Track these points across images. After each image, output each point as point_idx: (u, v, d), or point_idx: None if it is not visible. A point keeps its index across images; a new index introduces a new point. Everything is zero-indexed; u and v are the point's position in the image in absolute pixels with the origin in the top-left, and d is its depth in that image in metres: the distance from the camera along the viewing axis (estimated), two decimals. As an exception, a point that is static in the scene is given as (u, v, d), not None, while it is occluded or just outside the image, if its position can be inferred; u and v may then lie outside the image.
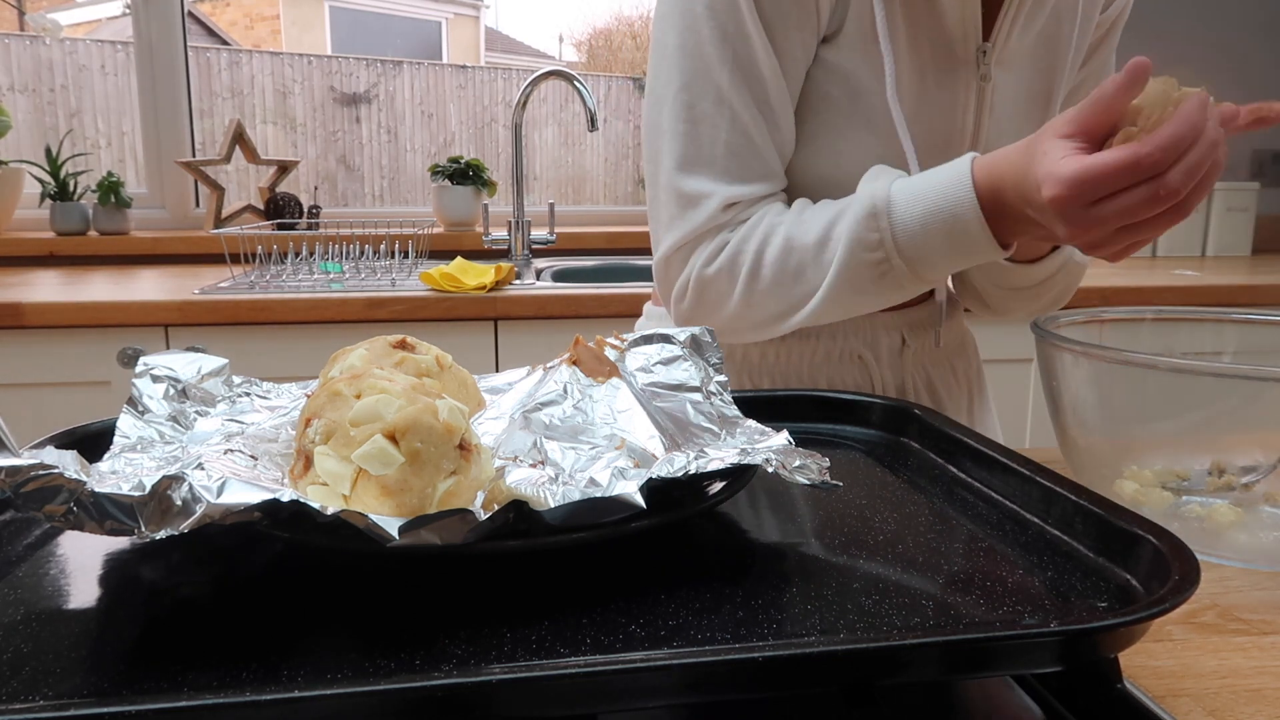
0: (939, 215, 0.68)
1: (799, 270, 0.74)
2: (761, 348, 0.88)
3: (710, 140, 0.75)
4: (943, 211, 0.68)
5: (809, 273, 0.74)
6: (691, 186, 0.76)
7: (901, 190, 0.70)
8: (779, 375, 0.89)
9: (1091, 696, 0.41)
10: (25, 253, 2.06)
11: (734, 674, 0.36)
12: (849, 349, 0.88)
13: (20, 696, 0.35)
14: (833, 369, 0.88)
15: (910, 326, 0.90)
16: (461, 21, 8.93)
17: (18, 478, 0.39)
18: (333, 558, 0.46)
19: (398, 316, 1.63)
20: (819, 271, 0.73)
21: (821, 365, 0.88)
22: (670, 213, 0.78)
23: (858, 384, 0.88)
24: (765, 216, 0.76)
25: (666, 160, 0.77)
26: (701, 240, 0.77)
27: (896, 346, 0.90)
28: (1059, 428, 0.68)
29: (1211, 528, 0.59)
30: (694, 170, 0.76)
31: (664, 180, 0.78)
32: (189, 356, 0.61)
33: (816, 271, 0.74)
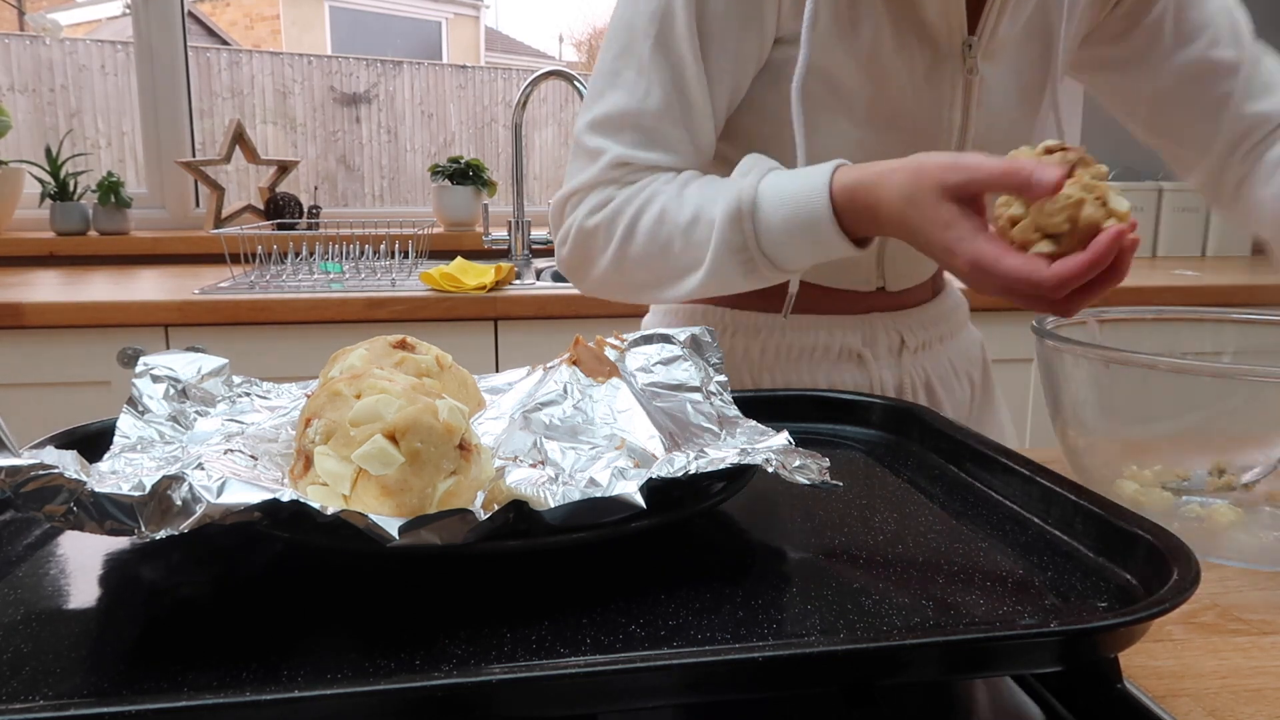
0: (798, 222, 0.70)
1: (667, 245, 0.76)
2: (761, 345, 0.89)
3: (622, 104, 0.78)
4: (800, 219, 0.70)
5: (676, 249, 0.76)
6: (593, 142, 0.79)
7: (766, 192, 0.72)
8: (778, 372, 0.89)
9: (1091, 696, 0.41)
10: (25, 253, 2.06)
11: (734, 674, 0.36)
12: (847, 346, 0.88)
13: (20, 696, 0.35)
14: (830, 366, 0.89)
15: (908, 326, 0.90)
16: (461, 21, 8.93)
17: (18, 478, 0.39)
18: (333, 558, 0.46)
19: (398, 316, 1.63)
20: (687, 252, 0.75)
21: (820, 363, 0.89)
22: (573, 164, 0.82)
23: (855, 382, 0.89)
24: (652, 184, 0.78)
25: (582, 115, 0.81)
26: (590, 191, 0.80)
27: (895, 345, 0.90)
28: (1059, 428, 0.68)
29: (1211, 528, 0.59)
30: (599, 129, 0.79)
31: (576, 132, 0.82)
32: (189, 356, 0.61)
33: (685, 251, 0.75)
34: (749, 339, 0.89)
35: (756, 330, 0.89)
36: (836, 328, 0.88)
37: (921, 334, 0.91)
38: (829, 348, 0.88)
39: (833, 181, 0.69)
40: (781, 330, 0.88)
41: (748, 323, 0.89)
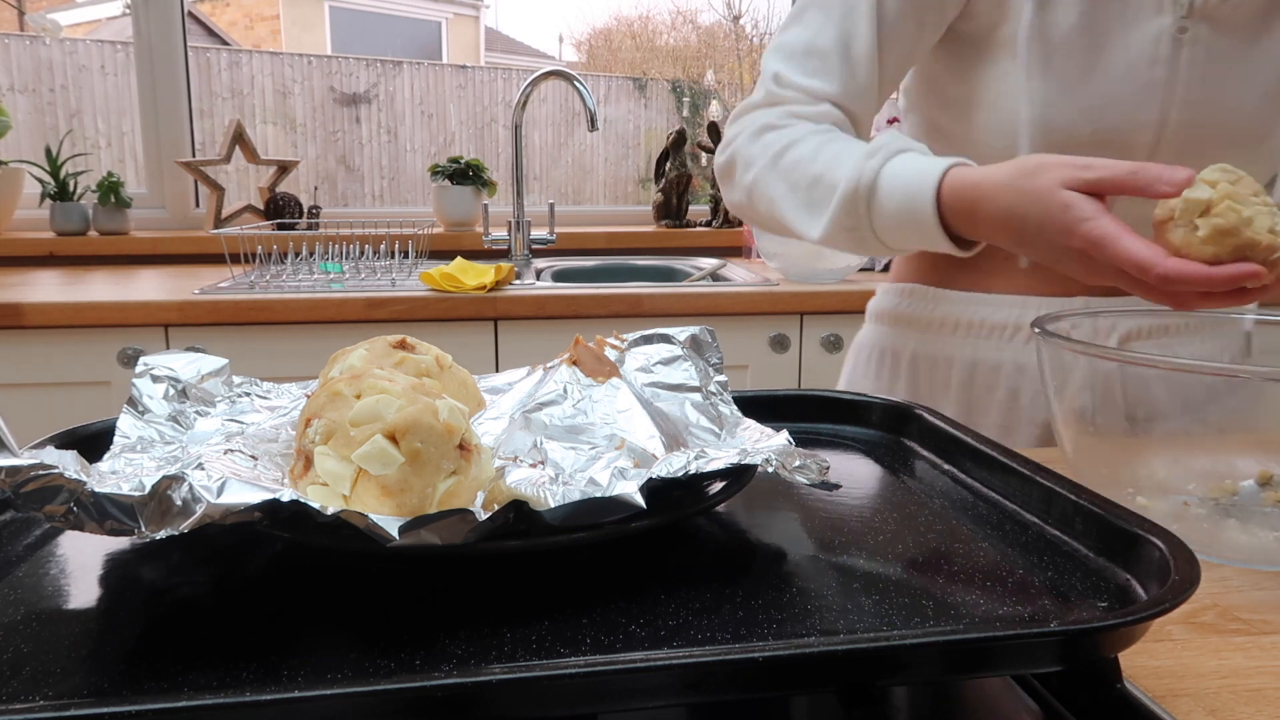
0: (907, 215, 0.74)
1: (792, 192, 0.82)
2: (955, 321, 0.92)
3: (797, 36, 0.86)
4: (909, 213, 0.74)
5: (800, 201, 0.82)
6: (767, 64, 0.88)
7: (885, 180, 0.75)
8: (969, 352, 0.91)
9: (1091, 696, 0.41)
10: (25, 253, 2.06)
11: (734, 674, 0.36)
12: None
13: (20, 696, 0.35)
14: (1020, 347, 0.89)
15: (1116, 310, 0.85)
16: (461, 21, 8.93)
17: (18, 478, 0.39)
18: (333, 558, 0.46)
19: (398, 316, 1.63)
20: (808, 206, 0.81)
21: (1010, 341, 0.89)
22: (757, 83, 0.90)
23: None
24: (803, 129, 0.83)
25: (772, 43, 0.89)
26: (754, 110, 0.87)
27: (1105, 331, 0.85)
28: (1059, 428, 0.68)
29: (1211, 528, 0.59)
30: (775, 51, 0.87)
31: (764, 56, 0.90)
32: (189, 356, 0.61)
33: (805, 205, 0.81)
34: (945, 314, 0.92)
35: (951, 305, 0.92)
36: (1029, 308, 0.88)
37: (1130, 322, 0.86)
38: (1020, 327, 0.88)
39: (943, 180, 0.72)
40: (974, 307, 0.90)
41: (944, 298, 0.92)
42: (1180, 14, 0.77)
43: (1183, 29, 0.78)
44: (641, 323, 1.64)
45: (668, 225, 2.39)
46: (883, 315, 1.01)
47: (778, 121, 0.85)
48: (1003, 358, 0.89)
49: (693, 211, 2.45)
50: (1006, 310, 0.89)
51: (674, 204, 2.40)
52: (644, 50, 7.25)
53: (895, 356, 0.97)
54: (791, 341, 1.77)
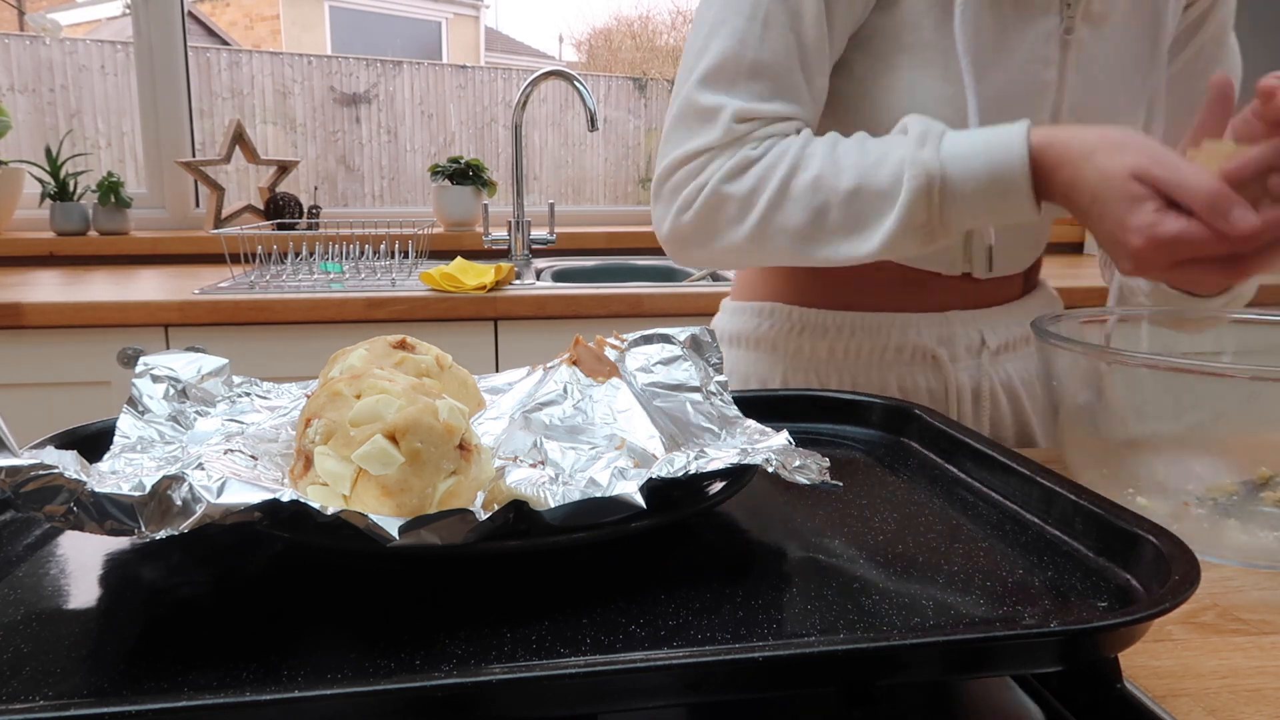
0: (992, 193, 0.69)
1: (821, 212, 0.73)
2: (830, 345, 0.87)
3: (733, 50, 0.74)
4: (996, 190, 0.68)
5: (832, 216, 0.73)
6: (708, 99, 0.75)
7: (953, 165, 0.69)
8: (847, 374, 0.87)
9: (1091, 696, 0.41)
10: (25, 253, 2.06)
11: (734, 674, 0.36)
12: (922, 346, 0.85)
13: (20, 696, 0.35)
14: (903, 367, 0.86)
15: (991, 325, 0.87)
16: (461, 21, 8.93)
17: (18, 478, 0.39)
18: (333, 558, 0.46)
19: (398, 316, 1.63)
20: (850, 221, 0.72)
21: (892, 363, 0.86)
22: (686, 125, 0.77)
23: (929, 386, 0.86)
24: (795, 145, 0.74)
25: (687, 72, 0.77)
26: (719, 153, 0.76)
27: (975, 345, 0.87)
28: (1059, 428, 0.68)
29: (1211, 528, 0.59)
30: (712, 83, 0.75)
31: (685, 93, 0.77)
32: (189, 356, 0.61)
33: (846, 220, 0.72)
34: (816, 339, 0.87)
35: (825, 330, 0.87)
36: (910, 327, 0.85)
37: (1005, 334, 0.88)
38: (901, 348, 0.85)
39: (1032, 145, 0.67)
40: (851, 330, 0.86)
41: (817, 322, 0.87)
42: (1066, 14, 0.78)
43: (1069, 29, 0.78)
44: (641, 323, 1.64)
45: (668, 225, 2.39)
46: (741, 339, 0.92)
47: (755, 153, 0.75)
48: (887, 380, 0.86)
49: (693, 211, 2.45)
50: (884, 333, 0.86)
51: (674, 204, 2.40)
52: (644, 50, 7.25)
53: (762, 383, 0.91)
54: (791, 341, 1.76)
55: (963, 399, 0.86)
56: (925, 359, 0.86)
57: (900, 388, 0.86)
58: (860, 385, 0.86)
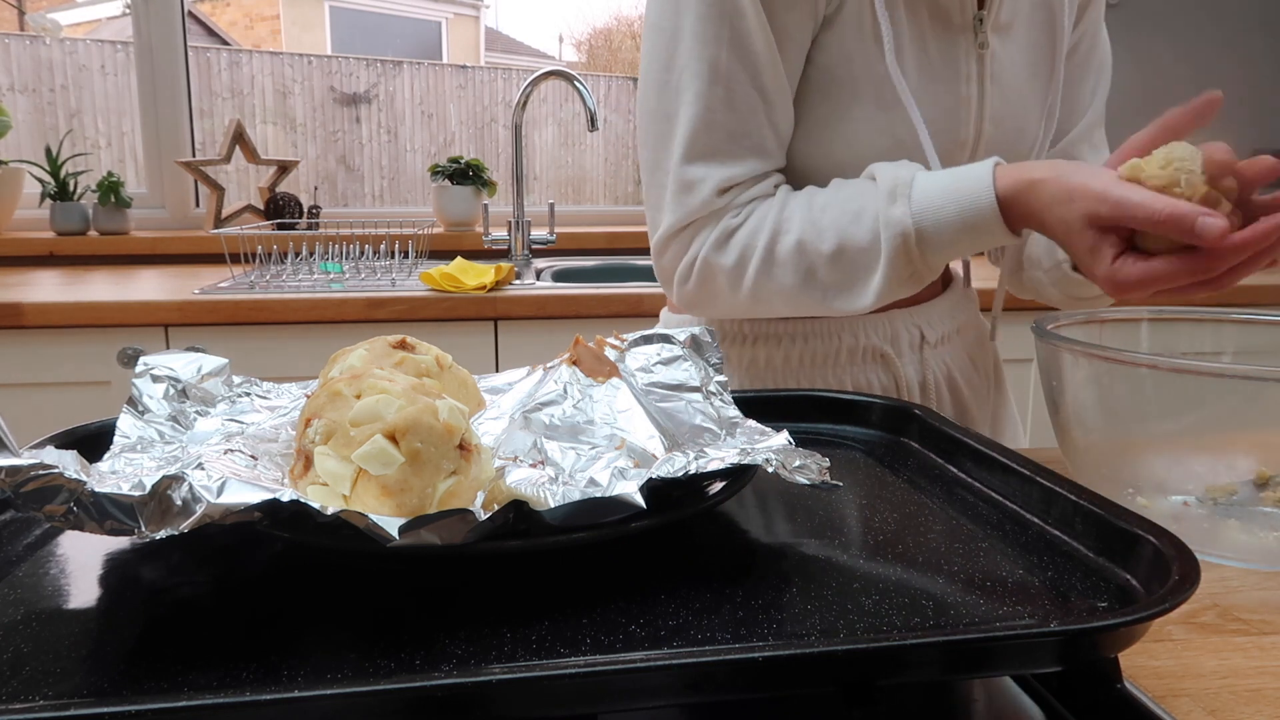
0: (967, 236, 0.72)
1: (810, 273, 0.76)
2: (785, 353, 0.88)
3: (708, 125, 0.76)
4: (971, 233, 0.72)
5: (820, 276, 0.76)
6: (689, 173, 0.77)
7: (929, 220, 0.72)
8: (804, 379, 0.88)
9: (1091, 696, 0.41)
10: (25, 253, 2.06)
11: (734, 674, 0.36)
12: (871, 346, 0.88)
13: (20, 696, 0.35)
14: (856, 368, 0.88)
15: (928, 321, 0.90)
16: (461, 21, 8.93)
17: (18, 478, 0.39)
18: (333, 558, 0.46)
19: (398, 316, 1.63)
20: (839, 277, 0.76)
21: (845, 364, 0.88)
22: (668, 196, 0.79)
23: (881, 382, 0.88)
24: (772, 210, 0.77)
25: (662, 144, 0.78)
26: (702, 225, 0.79)
27: (916, 341, 0.89)
28: (1059, 428, 0.68)
29: (1211, 528, 0.59)
30: (694, 157, 0.77)
31: (658, 158, 0.79)
32: (189, 356, 0.61)
33: (832, 278, 0.76)
34: (771, 348, 0.88)
35: (779, 339, 0.88)
36: (859, 328, 0.88)
37: (940, 327, 0.91)
38: (853, 349, 0.88)
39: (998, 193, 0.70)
40: (804, 337, 0.88)
41: (769, 331, 0.88)
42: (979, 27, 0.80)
43: (983, 43, 0.81)
44: (641, 323, 1.64)
45: (668, 225, 2.39)
46: None
47: (736, 220, 0.77)
48: (843, 381, 0.88)
49: (693, 211, 2.45)
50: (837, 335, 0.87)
51: (674, 204, 2.40)
52: (644, 50, 7.23)
53: None
54: (791, 341, 1.77)
55: (912, 393, 0.89)
56: (875, 358, 0.89)
57: (855, 386, 0.88)
58: (816, 384, 0.88)
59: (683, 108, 0.76)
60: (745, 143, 0.77)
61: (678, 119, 0.76)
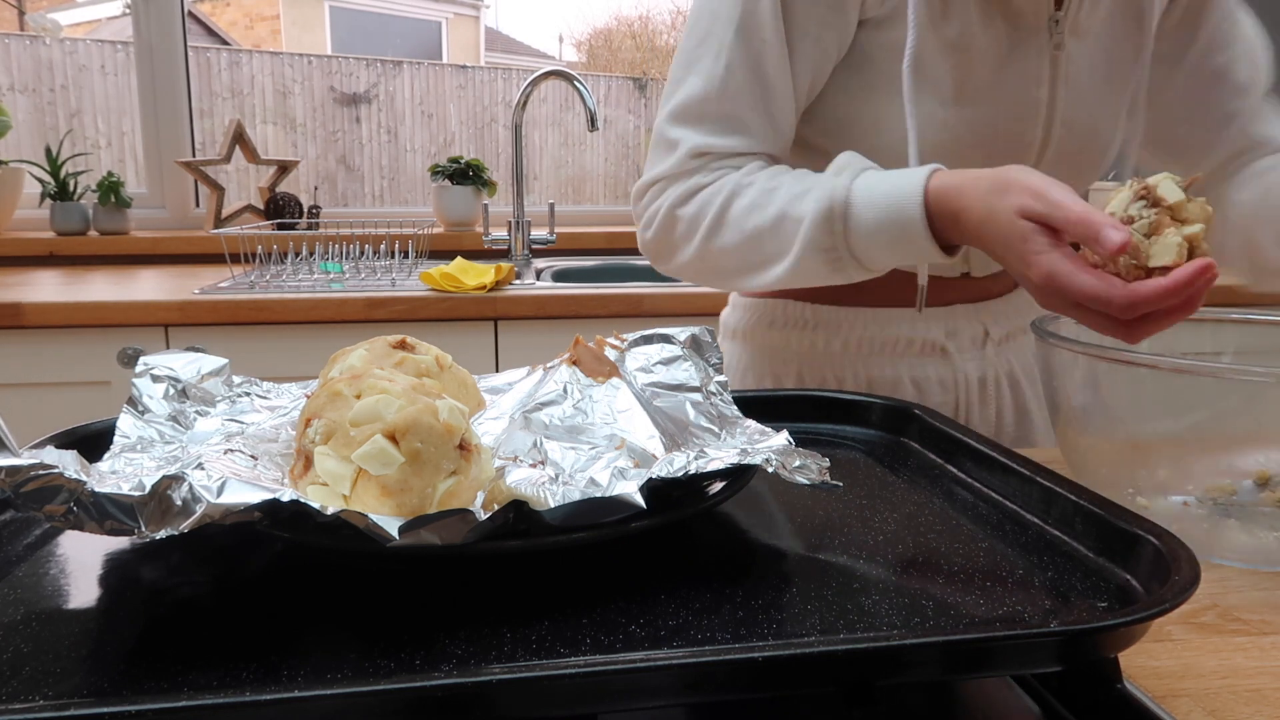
0: (889, 226, 0.71)
1: (754, 237, 0.77)
2: (844, 339, 0.89)
3: (700, 90, 0.79)
4: (892, 224, 0.70)
5: (763, 242, 0.77)
6: (673, 132, 0.81)
7: (859, 194, 0.72)
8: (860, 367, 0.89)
9: (1091, 696, 0.41)
10: (25, 253, 2.06)
11: (734, 674, 0.36)
12: (930, 339, 0.88)
13: (20, 696, 0.35)
14: (913, 359, 0.88)
15: (994, 318, 0.90)
16: (461, 21, 8.93)
17: (18, 478, 0.39)
18: (333, 558, 0.46)
19: (398, 316, 1.63)
20: (774, 245, 0.76)
21: (903, 356, 0.88)
22: (654, 153, 0.83)
23: (939, 376, 0.88)
24: (739, 176, 0.78)
25: (663, 104, 0.83)
26: (673, 181, 0.81)
27: (979, 337, 0.89)
28: (1059, 428, 0.68)
29: (1211, 528, 0.59)
30: (679, 118, 0.81)
31: (656, 122, 0.84)
32: (189, 356, 0.61)
33: (772, 244, 0.76)
34: (830, 333, 0.89)
35: (838, 324, 0.89)
36: (919, 320, 0.87)
37: (1006, 324, 0.90)
38: (911, 341, 0.88)
39: (928, 187, 0.69)
40: (864, 324, 0.88)
41: (829, 317, 0.89)
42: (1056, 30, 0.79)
43: (1059, 46, 0.80)
44: (641, 323, 1.64)
45: (668, 225, 2.39)
46: (750, 335, 0.94)
47: (706, 180, 0.79)
48: (899, 373, 0.88)
49: (693, 211, 2.45)
50: (895, 325, 0.88)
51: (674, 204, 2.40)
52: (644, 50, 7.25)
53: (777, 379, 0.92)
54: (791, 341, 1.77)
55: (970, 389, 0.89)
56: (934, 351, 0.88)
57: (912, 378, 0.88)
58: (874, 378, 0.88)
59: (689, 77, 0.80)
60: (732, 122, 0.79)
61: (680, 85, 0.81)
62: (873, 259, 0.73)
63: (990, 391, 0.90)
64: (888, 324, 0.88)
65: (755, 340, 0.94)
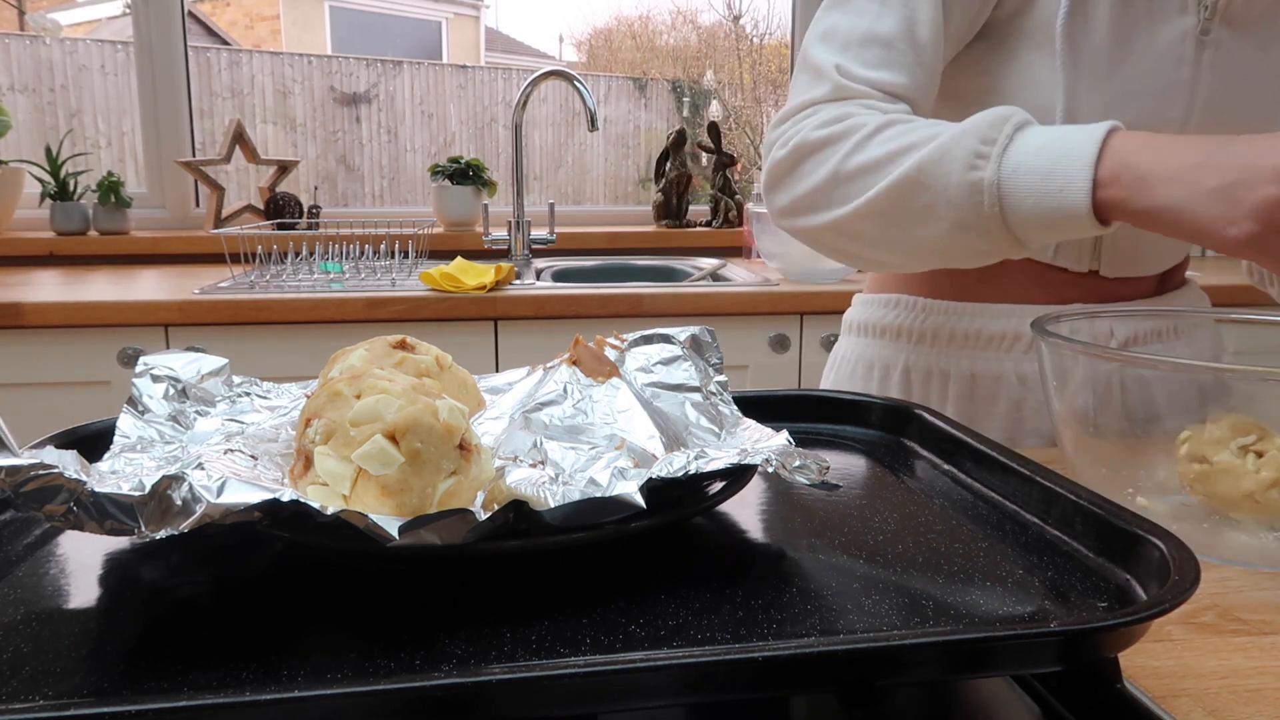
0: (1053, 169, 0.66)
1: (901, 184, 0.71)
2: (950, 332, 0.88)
3: (850, 23, 0.78)
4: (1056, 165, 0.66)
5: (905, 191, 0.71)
6: (818, 54, 0.79)
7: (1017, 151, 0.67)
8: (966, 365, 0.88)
9: (1091, 696, 0.41)
10: (25, 253, 2.06)
11: (734, 674, 0.36)
12: None
13: (20, 696, 0.35)
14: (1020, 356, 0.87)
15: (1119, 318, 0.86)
16: (461, 21, 8.93)
17: (18, 478, 0.39)
18: (333, 558, 0.46)
19: (398, 316, 1.63)
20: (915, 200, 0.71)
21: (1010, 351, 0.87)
22: (798, 80, 0.81)
23: None
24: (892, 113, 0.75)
25: (811, 32, 0.82)
26: (823, 106, 0.78)
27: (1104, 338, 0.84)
28: (1059, 428, 0.68)
29: (1211, 527, 0.59)
30: (827, 40, 0.79)
31: (805, 45, 0.82)
32: (189, 356, 0.61)
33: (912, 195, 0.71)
34: (939, 326, 0.90)
35: (948, 316, 0.89)
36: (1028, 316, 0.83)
37: (1134, 326, 0.86)
38: (1020, 336, 0.87)
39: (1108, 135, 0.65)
40: (973, 317, 0.88)
41: (942, 309, 0.90)
42: (1204, 15, 0.78)
43: (1205, 30, 0.78)
44: (641, 323, 1.64)
45: (668, 225, 2.39)
46: (866, 328, 0.96)
47: (853, 109, 0.76)
48: (1003, 369, 0.87)
49: (693, 211, 2.45)
50: (1004, 320, 0.87)
51: (674, 204, 2.40)
52: (644, 50, 7.24)
53: (885, 370, 0.93)
54: (791, 341, 1.77)
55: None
56: None
57: (1017, 374, 0.87)
58: (979, 374, 0.88)
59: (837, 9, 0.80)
60: (883, 51, 0.77)
61: (829, 15, 0.80)
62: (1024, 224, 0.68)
63: None
64: (1000, 318, 0.87)
65: (870, 334, 0.96)
